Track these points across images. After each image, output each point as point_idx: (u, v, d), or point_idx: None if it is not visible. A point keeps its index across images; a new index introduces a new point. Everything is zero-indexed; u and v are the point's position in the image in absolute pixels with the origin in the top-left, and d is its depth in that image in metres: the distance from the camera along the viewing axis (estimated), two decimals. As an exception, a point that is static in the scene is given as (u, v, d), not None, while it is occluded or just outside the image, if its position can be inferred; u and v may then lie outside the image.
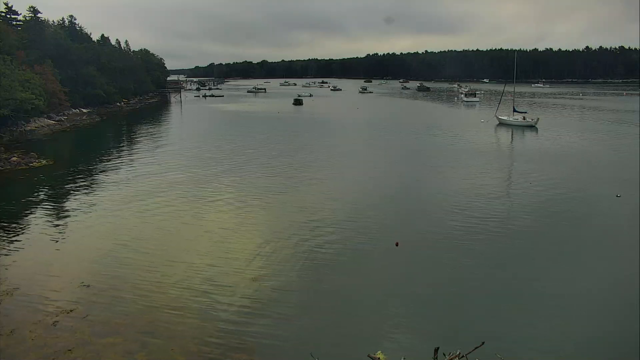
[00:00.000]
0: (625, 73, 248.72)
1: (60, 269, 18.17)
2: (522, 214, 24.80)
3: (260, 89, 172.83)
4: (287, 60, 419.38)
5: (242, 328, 14.13)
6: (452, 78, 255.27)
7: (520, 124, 63.76)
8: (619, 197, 27.40)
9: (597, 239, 21.76)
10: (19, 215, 25.30)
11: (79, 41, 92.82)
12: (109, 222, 23.83)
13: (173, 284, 16.94)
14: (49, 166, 37.77)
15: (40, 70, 66.22)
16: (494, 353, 10.07)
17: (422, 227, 23.25)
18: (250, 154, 43.15)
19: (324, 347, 12.99)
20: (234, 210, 25.84)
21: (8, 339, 13.42)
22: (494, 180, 33.13)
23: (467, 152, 44.10)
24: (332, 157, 42.17)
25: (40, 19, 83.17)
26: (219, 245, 20.70)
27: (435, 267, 18.59)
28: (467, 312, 15.33)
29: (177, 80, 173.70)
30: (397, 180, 33.82)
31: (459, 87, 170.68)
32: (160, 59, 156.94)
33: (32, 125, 59.86)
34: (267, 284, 17.00)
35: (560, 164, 38.05)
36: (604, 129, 61.85)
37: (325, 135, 56.99)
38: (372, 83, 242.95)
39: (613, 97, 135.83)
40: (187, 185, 31.13)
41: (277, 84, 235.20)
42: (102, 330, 13.90)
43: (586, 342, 13.75)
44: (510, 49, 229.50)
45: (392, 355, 10.37)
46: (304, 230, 22.45)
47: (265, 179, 33.02)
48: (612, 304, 15.81)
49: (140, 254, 19.57)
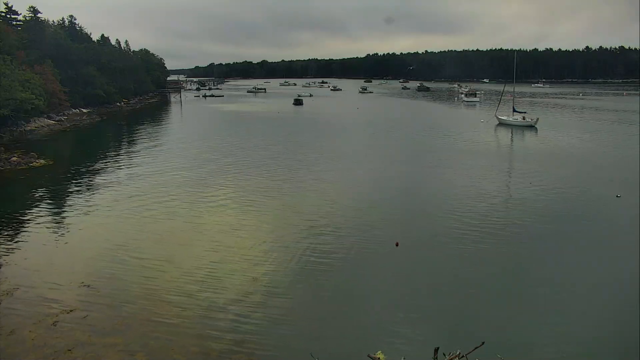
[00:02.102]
0: (625, 73, 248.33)
1: (60, 269, 18.17)
2: (522, 214, 24.79)
3: (260, 89, 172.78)
4: (287, 61, 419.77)
5: (242, 328, 14.13)
6: (452, 78, 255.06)
7: (520, 124, 63.77)
8: (619, 197, 27.40)
9: (597, 239, 21.74)
10: (19, 215, 25.29)
11: (79, 41, 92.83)
12: (108, 222, 23.84)
13: (173, 284, 16.93)
14: (49, 166, 37.77)
15: (40, 70, 66.21)
16: (494, 353, 10.07)
17: (422, 227, 23.27)
18: (251, 154, 43.14)
19: (324, 347, 12.98)
20: (234, 210, 25.84)
21: (8, 339, 13.42)
22: (493, 180, 33.12)
23: (466, 152, 44.09)
24: (333, 157, 42.15)
25: (40, 19, 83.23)
26: (219, 245, 20.70)
27: (435, 267, 18.60)
28: (467, 312, 15.33)
29: (177, 80, 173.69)
30: (397, 180, 33.81)
31: (459, 87, 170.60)
32: (160, 59, 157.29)
33: (32, 125, 59.88)
34: (268, 283, 17.00)
35: (560, 164, 38.04)
36: (604, 129, 61.83)
37: (325, 136, 56.99)
38: (372, 83, 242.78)
39: (613, 97, 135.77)
40: (187, 186, 31.13)
41: (277, 84, 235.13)
42: (102, 330, 13.90)
43: (586, 342, 13.75)
44: (510, 49, 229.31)
45: (392, 355, 10.36)
46: (304, 230, 22.45)
47: (266, 179, 33.01)
48: (612, 304, 15.79)
49: (140, 254, 19.56)
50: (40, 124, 61.75)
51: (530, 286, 16.96)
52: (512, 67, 78.98)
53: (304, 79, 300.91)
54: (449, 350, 9.11)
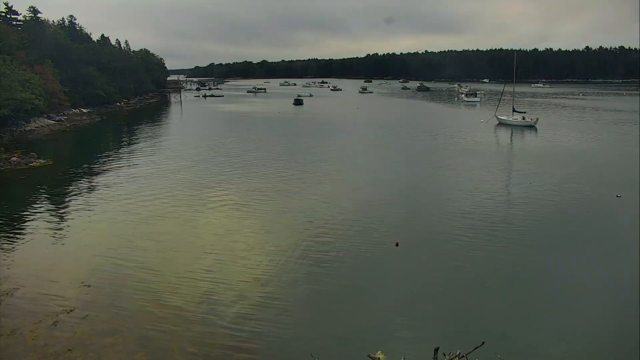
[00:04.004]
0: (625, 73, 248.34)
1: (60, 269, 18.17)
2: (521, 214, 24.79)
3: (260, 89, 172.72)
4: (287, 61, 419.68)
5: (242, 328, 14.13)
6: (452, 78, 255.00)
7: (519, 124, 63.78)
8: (619, 197, 27.40)
9: (597, 239, 21.73)
10: (18, 215, 25.29)
11: (79, 41, 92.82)
12: (108, 222, 23.84)
13: (173, 283, 16.93)
14: (49, 166, 37.77)
15: (40, 70, 66.19)
16: (494, 353, 10.07)
17: (422, 227, 23.27)
18: (251, 155, 43.14)
19: (324, 347, 12.99)
20: (234, 210, 25.84)
21: (8, 339, 13.42)
22: (493, 180, 33.11)
23: (466, 152, 44.08)
24: (333, 157, 42.15)
25: (40, 19, 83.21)
26: (219, 245, 20.71)
27: (435, 267, 18.60)
28: (467, 312, 15.33)
29: (177, 80, 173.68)
30: (397, 180, 33.81)
31: (459, 87, 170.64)
32: (160, 59, 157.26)
33: (32, 125, 59.84)
34: (268, 283, 17.00)
35: (559, 164, 38.04)
36: (604, 129, 61.83)
37: (325, 136, 56.95)
38: (372, 83, 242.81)
39: (613, 97, 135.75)
40: (187, 186, 31.13)
41: (277, 84, 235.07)
42: (102, 330, 13.90)
43: (586, 342, 13.76)
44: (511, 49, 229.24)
45: (392, 355, 10.36)
46: (304, 230, 22.45)
47: (266, 180, 32.99)
48: (612, 304, 15.80)
49: (140, 254, 19.57)
50: (40, 124, 61.72)
51: (530, 286, 16.98)
52: (512, 67, 79.04)
53: (304, 79, 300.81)
54: (449, 350, 9.11)
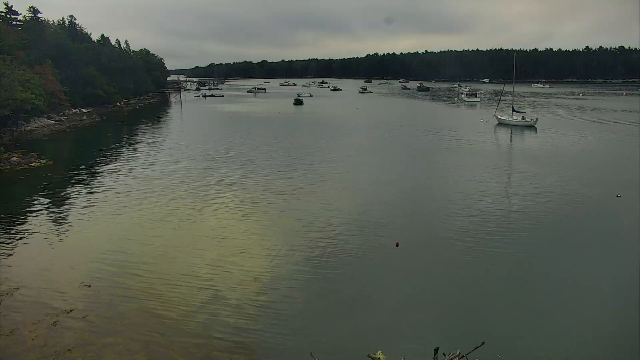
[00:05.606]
0: (625, 73, 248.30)
1: (60, 269, 18.18)
2: (521, 214, 24.78)
3: (260, 89, 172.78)
4: (287, 61, 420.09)
5: (242, 328, 14.14)
6: (452, 78, 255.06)
7: (519, 124, 63.80)
8: (619, 197, 27.40)
9: (597, 239, 21.73)
10: (19, 215, 25.29)
11: (79, 41, 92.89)
12: (108, 222, 23.84)
13: (173, 283, 16.94)
14: (49, 166, 37.77)
15: (40, 70, 66.15)
16: (494, 353, 10.07)
17: (422, 228, 23.29)
18: (251, 155, 43.15)
19: (324, 347, 12.99)
20: (234, 211, 25.84)
21: (8, 339, 13.42)
22: (493, 180, 33.11)
23: (466, 152, 44.09)
24: (333, 157, 42.14)
25: (40, 19, 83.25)
26: (220, 245, 20.71)
27: (435, 267, 18.60)
28: (467, 312, 15.33)
29: (177, 80, 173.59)
30: (397, 180, 33.80)
31: (459, 87, 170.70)
32: (160, 59, 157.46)
33: (32, 125, 59.83)
34: (268, 284, 17.00)
35: (560, 164, 38.05)
36: (604, 129, 61.83)
37: (326, 136, 56.95)
38: (372, 83, 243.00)
39: (613, 97, 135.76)
40: (187, 186, 31.13)
41: (277, 84, 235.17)
42: (102, 330, 13.91)
43: (586, 342, 13.75)
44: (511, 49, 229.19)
45: (392, 355, 10.36)
46: (304, 230, 22.46)
47: (266, 180, 33.00)
48: (612, 304, 15.81)
49: (140, 254, 19.57)
50: (40, 124, 61.71)
51: (530, 286, 16.98)
52: (512, 67, 79.05)
53: (304, 79, 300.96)
54: (449, 350, 9.12)
